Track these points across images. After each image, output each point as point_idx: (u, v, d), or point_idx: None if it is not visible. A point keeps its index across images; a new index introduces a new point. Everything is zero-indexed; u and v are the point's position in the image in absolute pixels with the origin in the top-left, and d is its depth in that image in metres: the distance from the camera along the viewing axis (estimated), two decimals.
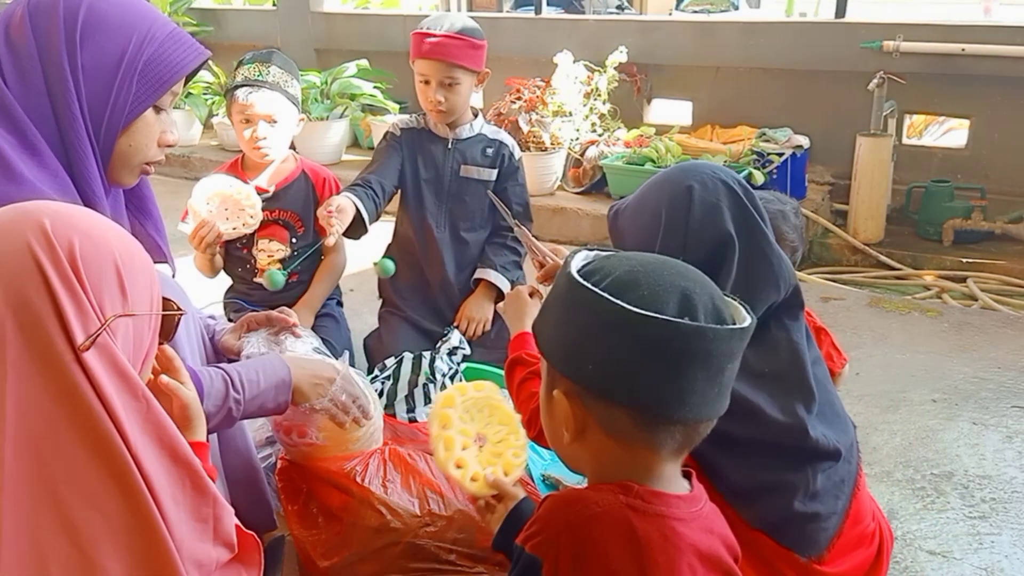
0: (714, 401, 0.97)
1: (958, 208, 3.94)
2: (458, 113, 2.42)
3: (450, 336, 2.36)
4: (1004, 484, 2.04)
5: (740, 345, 0.97)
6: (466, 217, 2.51)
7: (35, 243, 0.94)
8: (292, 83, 2.36)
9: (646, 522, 0.98)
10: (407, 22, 5.42)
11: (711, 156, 4.06)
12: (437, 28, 2.32)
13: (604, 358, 0.95)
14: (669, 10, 9.15)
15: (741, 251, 1.32)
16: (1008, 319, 3.15)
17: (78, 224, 0.99)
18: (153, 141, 1.40)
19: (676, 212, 1.33)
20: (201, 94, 5.32)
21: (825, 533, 1.38)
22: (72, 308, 0.94)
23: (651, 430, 0.98)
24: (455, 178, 2.47)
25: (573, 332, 0.98)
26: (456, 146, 2.46)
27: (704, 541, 1.01)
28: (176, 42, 1.37)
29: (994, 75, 3.92)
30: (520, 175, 2.54)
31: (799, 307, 1.41)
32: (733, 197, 1.34)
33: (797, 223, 1.84)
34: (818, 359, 1.46)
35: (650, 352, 0.93)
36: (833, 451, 1.37)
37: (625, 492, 0.99)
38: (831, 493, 1.38)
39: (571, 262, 1.03)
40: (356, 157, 5.09)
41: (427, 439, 1.72)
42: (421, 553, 1.54)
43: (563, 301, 1.01)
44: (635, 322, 0.92)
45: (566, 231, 4.11)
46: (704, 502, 1.06)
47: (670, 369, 0.93)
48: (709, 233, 1.31)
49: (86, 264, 0.96)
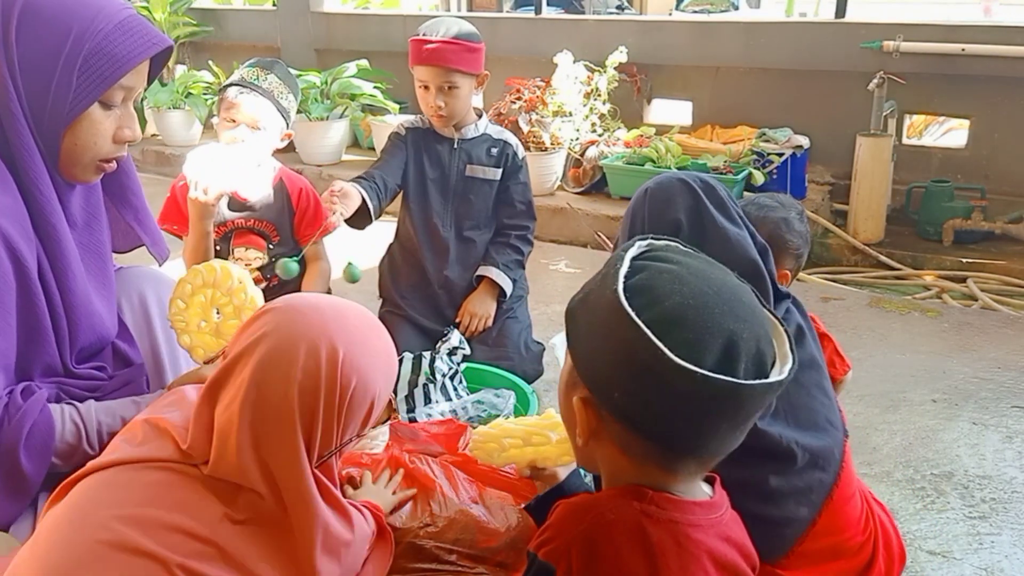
0: (733, 442, 0.97)
1: (958, 208, 3.94)
2: (459, 117, 2.43)
3: (450, 336, 2.36)
4: (1004, 484, 2.04)
5: (774, 394, 0.96)
6: (471, 216, 2.51)
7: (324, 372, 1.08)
8: (287, 96, 2.32)
9: (659, 528, 0.97)
10: (407, 22, 5.42)
11: (711, 156, 4.07)
12: (434, 34, 2.32)
13: (632, 393, 0.92)
14: (669, 10, 9.15)
15: (691, 238, 1.34)
16: (1008, 319, 3.15)
17: (359, 360, 1.11)
18: (103, 138, 1.34)
19: (635, 208, 1.43)
20: (201, 94, 5.32)
21: (781, 539, 1.35)
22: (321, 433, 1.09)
23: (666, 460, 0.97)
24: (461, 178, 2.48)
25: (604, 354, 0.94)
26: (462, 146, 2.47)
27: (720, 548, 1.00)
28: (126, 33, 1.29)
29: (994, 75, 3.92)
30: (523, 174, 2.55)
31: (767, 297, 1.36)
32: (688, 191, 1.39)
33: (802, 229, 1.80)
34: (807, 363, 1.42)
35: (681, 401, 0.91)
36: (785, 452, 1.33)
37: (639, 498, 0.98)
38: (791, 499, 1.35)
39: (620, 267, 0.96)
40: (356, 157, 5.09)
41: (427, 439, 1.73)
42: (421, 553, 1.54)
43: (602, 316, 0.95)
44: (673, 369, 0.88)
45: (566, 231, 4.11)
46: (724, 509, 1.05)
47: (696, 416, 0.92)
48: (660, 221, 1.38)
49: (351, 406, 1.11)
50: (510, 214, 2.55)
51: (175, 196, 2.33)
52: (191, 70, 5.63)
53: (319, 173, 4.82)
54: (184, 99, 5.34)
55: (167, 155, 5.44)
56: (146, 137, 5.74)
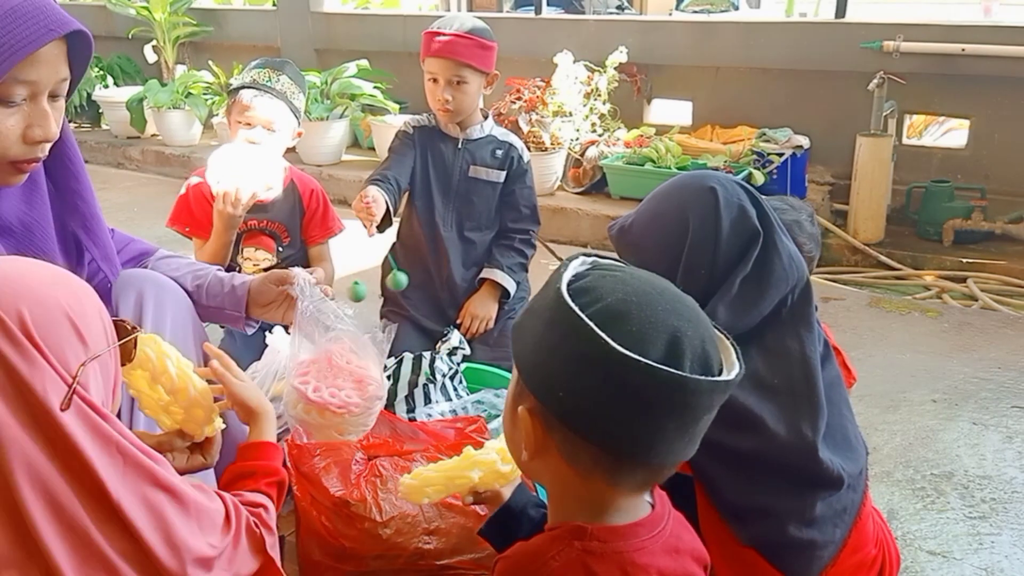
0: (682, 449, 0.94)
1: (958, 208, 3.94)
2: (465, 113, 2.42)
3: (450, 336, 2.36)
4: (1004, 484, 2.04)
5: (721, 397, 0.93)
6: (472, 217, 2.51)
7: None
8: (298, 95, 2.34)
9: (605, 563, 0.95)
10: (407, 22, 5.42)
11: (711, 156, 4.07)
12: (448, 27, 2.33)
13: (577, 390, 0.90)
14: (669, 10, 9.14)
15: (761, 247, 1.30)
16: (1008, 319, 3.15)
17: (20, 288, 0.96)
18: (8, 139, 1.22)
19: (705, 213, 1.30)
20: (201, 94, 5.32)
21: (819, 561, 1.34)
22: (39, 378, 0.93)
23: (613, 469, 0.94)
24: (463, 178, 2.48)
25: (549, 354, 0.93)
26: (466, 146, 2.47)
27: (668, 565, 0.99)
28: (16, 20, 1.17)
29: (994, 75, 3.92)
30: (528, 178, 2.55)
31: (811, 311, 1.35)
32: (750, 196, 1.33)
33: (813, 231, 1.79)
34: (836, 380, 1.40)
35: (626, 394, 0.88)
36: (836, 479, 1.31)
37: (579, 537, 0.96)
38: (830, 522, 1.34)
39: (563, 272, 0.96)
40: (356, 157, 5.09)
41: (427, 439, 1.73)
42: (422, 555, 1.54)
43: (547, 316, 0.94)
44: (617, 361, 0.87)
45: (566, 231, 4.11)
46: (667, 518, 1.03)
47: (643, 414, 0.89)
48: (740, 232, 1.29)
49: (41, 330, 0.94)
50: (514, 218, 2.55)
51: (187, 197, 2.32)
52: (191, 70, 5.63)
53: (319, 173, 4.80)
54: (184, 99, 5.34)
55: (167, 155, 5.44)
56: (146, 137, 5.75)
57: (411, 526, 1.54)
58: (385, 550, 1.53)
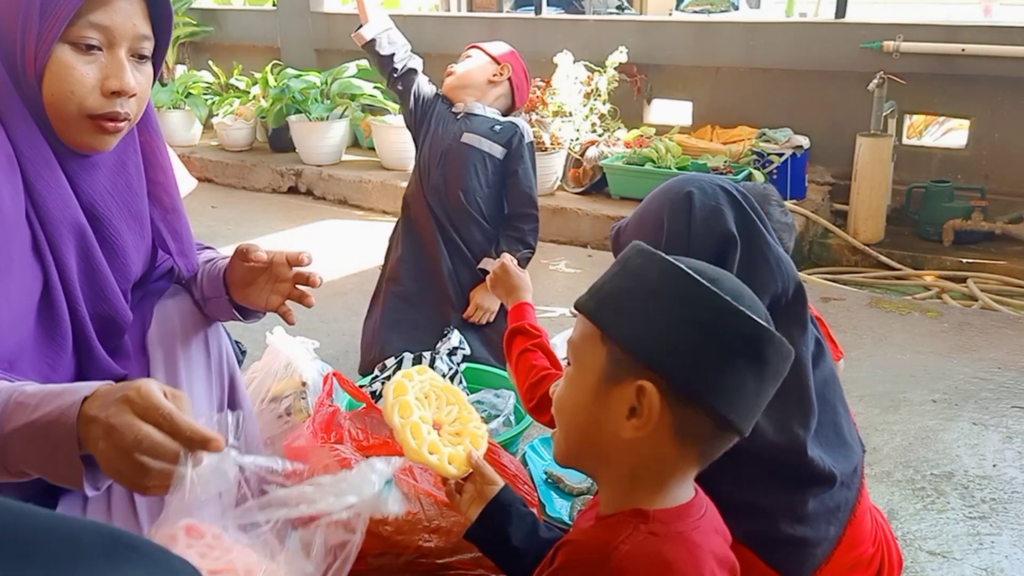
0: (756, 412, 0.99)
1: (958, 208, 3.94)
2: (465, 85, 2.59)
3: (450, 336, 2.37)
4: (1004, 484, 2.04)
5: (784, 371, 1.00)
6: (467, 189, 2.52)
7: None
8: None
9: (671, 544, 0.96)
10: (407, 22, 5.39)
11: (711, 156, 4.07)
12: None
13: (719, 367, 0.94)
14: (669, 10, 9.16)
15: (742, 252, 1.30)
16: (1008, 319, 3.15)
17: None
18: (81, 86, 1.19)
19: (677, 216, 1.32)
20: (201, 94, 5.32)
21: (813, 559, 1.35)
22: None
23: (711, 438, 0.97)
24: (456, 142, 2.54)
25: (670, 325, 0.95)
26: (465, 118, 2.58)
27: (716, 543, 1.01)
28: None
29: (994, 75, 3.92)
30: (529, 158, 2.59)
31: (804, 313, 1.36)
32: (732, 201, 1.33)
33: (787, 221, 1.78)
34: (831, 378, 1.41)
35: (748, 359, 0.94)
36: (828, 476, 1.32)
37: (643, 520, 0.97)
38: (823, 519, 1.34)
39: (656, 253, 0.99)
40: (356, 157, 5.08)
41: None
42: (423, 553, 1.54)
43: (665, 290, 0.96)
44: (747, 324, 0.94)
45: (566, 231, 4.11)
46: (706, 501, 1.05)
47: (758, 379, 0.95)
48: (711, 235, 1.30)
49: None
50: (518, 200, 2.58)
51: None
52: (191, 70, 5.63)
53: (319, 173, 4.82)
54: (184, 99, 5.34)
55: None
56: None
57: (412, 524, 1.55)
58: (386, 548, 1.54)
